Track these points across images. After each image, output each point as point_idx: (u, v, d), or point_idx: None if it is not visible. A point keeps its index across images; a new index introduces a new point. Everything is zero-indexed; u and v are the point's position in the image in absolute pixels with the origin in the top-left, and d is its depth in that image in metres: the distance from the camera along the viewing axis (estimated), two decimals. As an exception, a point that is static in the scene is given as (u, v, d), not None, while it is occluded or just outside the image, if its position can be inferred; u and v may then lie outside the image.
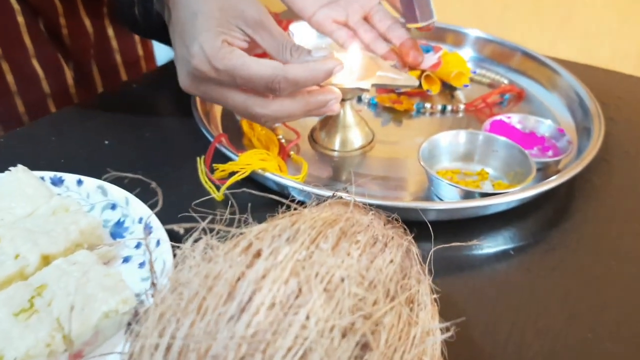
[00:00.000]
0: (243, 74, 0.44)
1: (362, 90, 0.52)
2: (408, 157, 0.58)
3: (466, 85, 0.70)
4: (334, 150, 0.57)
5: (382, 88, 0.65)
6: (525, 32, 1.63)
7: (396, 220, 0.36)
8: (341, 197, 0.37)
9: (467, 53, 0.77)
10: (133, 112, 0.64)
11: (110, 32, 0.77)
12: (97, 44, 0.75)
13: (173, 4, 0.49)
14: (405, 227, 0.37)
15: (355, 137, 0.58)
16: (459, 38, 0.78)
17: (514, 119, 0.60)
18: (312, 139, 0.59)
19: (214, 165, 0.50)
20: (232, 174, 0.48)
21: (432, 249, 0.35)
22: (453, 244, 0.37)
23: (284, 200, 0.34)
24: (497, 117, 0.60)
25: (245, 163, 0.47)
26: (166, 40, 0.56)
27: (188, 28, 0.46)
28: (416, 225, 0.43)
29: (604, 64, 0.79)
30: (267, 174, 0.48)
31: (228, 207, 0.36)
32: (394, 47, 0.59)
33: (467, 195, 0.48)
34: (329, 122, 0.58)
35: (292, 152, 0.57)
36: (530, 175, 0.49)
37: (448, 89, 0.71)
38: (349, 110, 0.57)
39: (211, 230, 0.36)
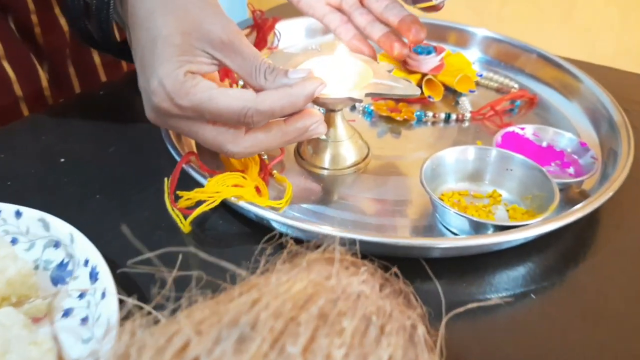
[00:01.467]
0: (211, 109, 0.38)
1: (355, 100, 0.43)
2: (408, 175, 0.49)
3: (472, 91, 0.61)
4: (323, 169, 0.49)
5: (377, 97, 0.57)
6: (524, 28, 1.55)
7: (396, 274, 0.28)
8: (324, 242, 0.29)
9: (471, 54, 0.68)
10: (99, 122, 0.55)
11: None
12: (73, 43, 0.66)
13: (132, 26, 0.41)
14: (407, 281, 0.29)
15: (348, 153, 0.49)
16: (462, 37, 0.69)
17: (528, 130, 0.52)
18: (299, 154, 0.51)
19: (178, 192, 0.41)
20: (201, 202, 0.40)
21: (443, 321, 0.26)
22: (469, 305, 0.28)
23: (239, 267, 0.26)
24: (510, 129, 0.51)
25: (213, 190, 0.39)
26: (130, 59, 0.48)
27: (147, 57, 0.39)
28: (419, 263, 0.35)
29: (606, 60, 0.71)
30: (242, 203, 0.40)
31: (176, 268, 0.27)
32: (391, 31, 0.53)
33: (479, 227, 0.40)
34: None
35: (274, 171, 0.48)
36: (552, 202, 0.40)
37: (452, 95, 0.62)
38: (340, 122, 0.49)
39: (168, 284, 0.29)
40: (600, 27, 1.57)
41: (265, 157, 0.50)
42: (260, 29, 0.64)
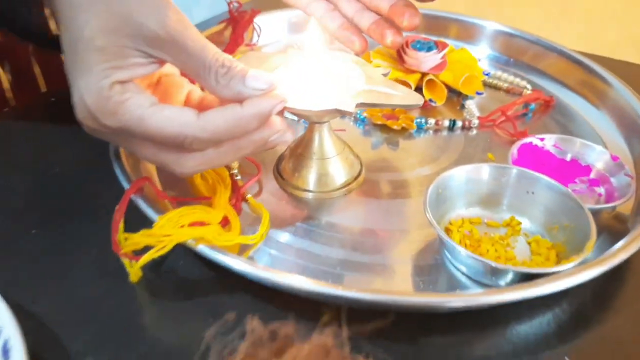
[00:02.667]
0: (142, 132, 0.30)
1: (344, 112, 0.35)
2: (409, 197, 0.41)
3: (479, 93, 0.53)
4: (308, 191, 0.41)
5: (371, 108, 0.48)
6: (523, 16, 1.47)
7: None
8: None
9: (476, 50, 0.59)
10: (46, 136, 0.47)
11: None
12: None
13: (57, 22, 0.33)
14: None
15: (337, 172, 0.41)
16: (466, 31, 0.61)
17: (549, 141, 0.43)
18: (279, 172, 0.42)
19: (125, 235, 0.33)
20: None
21: None
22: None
23: None
24: (527, 140, 0.43)
25: (162, 233, 0.30)
26: None
27: (69, 63, 0.31)
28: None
29: (609, 50, 0.62)
30: (201, 248, 0.31)
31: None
32: (382, 18, 0.44)
33: (497, 271, 0.32)
34: (300, 151, 0.41)
35: (249, 196, 0.40)
36: (589, 239, 0.32)
37: (456, 97, 0.54)
38: (326, 135, 0.40)
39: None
40: (602, 14, 1.49)
41: (239, 177, 0.42)
42: (236, 24, 0.55)
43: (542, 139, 0.43)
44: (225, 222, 0.36)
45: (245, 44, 0.56)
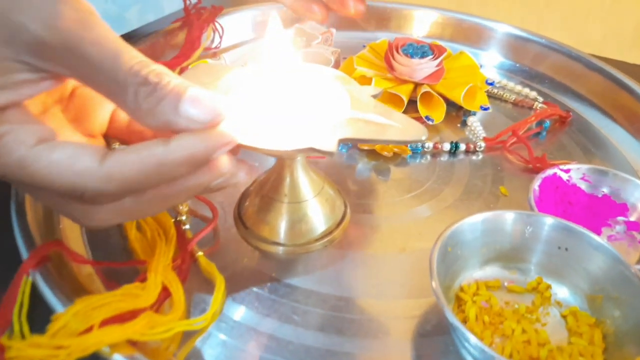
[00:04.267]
0: (25, 180, 0.21)
1: (322, 152, 0.25)
2: (406, 250, 0.32)
3: (485, 108, 0.44)
4: (277, 244, 0.31)
5: (358, 144, 0.38)
6: (508, 10, 1.39)
7: None
8: None
9: (480, 56, 0.51)
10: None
11: None
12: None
13: None
14: None
15: (315, 218, 0.31)
16: (462, 31, 0.52)
17: (575, 172, 0.35)
18: (240, 219, 0.33)
19: (6, 342, 0.23)
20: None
21: None
22: None
23: None
24: (550, 172, 0.34)
25: (56, 344, 0.21)
26: None
27: None
28: None
29: (595, 45, 0.55)
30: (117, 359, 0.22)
31: None
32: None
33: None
34: (267, 192, 0.31)
35: (199, 253, 0.30)
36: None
37: (455, 112, 0.44)
38: (300, 172, 0.31)
39: None
40: (589, 9, 1.43)
41: (187, 226, 0.32)
42: (191, 24, 0.45)
43: (567, 170, 0.35)
44: (165, 296, 0.27)
45: (204, 47, 0.46)
